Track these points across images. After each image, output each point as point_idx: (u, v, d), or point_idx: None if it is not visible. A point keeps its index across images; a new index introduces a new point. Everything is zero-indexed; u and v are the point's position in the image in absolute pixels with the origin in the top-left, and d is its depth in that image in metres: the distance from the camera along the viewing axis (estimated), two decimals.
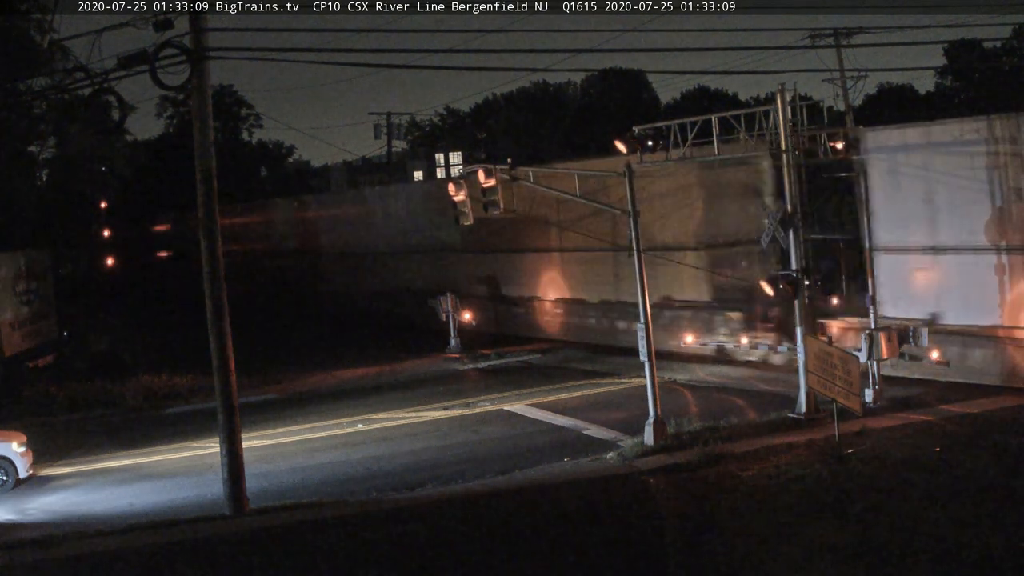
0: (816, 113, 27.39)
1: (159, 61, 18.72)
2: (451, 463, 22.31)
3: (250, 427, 25.13)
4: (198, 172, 19.77)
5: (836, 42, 47.31)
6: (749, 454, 20.64)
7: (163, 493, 21.90)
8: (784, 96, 23.62)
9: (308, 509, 19.55)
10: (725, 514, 17.34)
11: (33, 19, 35.83)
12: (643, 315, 22.53)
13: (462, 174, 29.90)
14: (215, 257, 19.87)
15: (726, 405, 25.66)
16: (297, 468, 23.13)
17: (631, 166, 23.26)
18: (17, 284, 38.06)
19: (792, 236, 23.68)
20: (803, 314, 23.64)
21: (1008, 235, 24.56)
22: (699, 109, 36.08)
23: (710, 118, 25.42)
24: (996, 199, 24.72)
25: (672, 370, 30.25)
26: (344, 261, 54.86)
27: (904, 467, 18.98)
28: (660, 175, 30.86)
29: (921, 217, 26.36)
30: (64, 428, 29.24)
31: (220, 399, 19.89)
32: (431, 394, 30.65)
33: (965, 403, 23.57)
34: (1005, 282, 24.59)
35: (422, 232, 47.19)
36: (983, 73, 74.97)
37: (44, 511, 21.21)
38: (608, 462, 21.38)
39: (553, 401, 28.25)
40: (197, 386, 32.47)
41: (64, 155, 44.82)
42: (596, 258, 36.89)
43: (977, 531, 15.42)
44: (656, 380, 22.39)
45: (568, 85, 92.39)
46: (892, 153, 26.84)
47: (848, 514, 16.72)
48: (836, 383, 20.30)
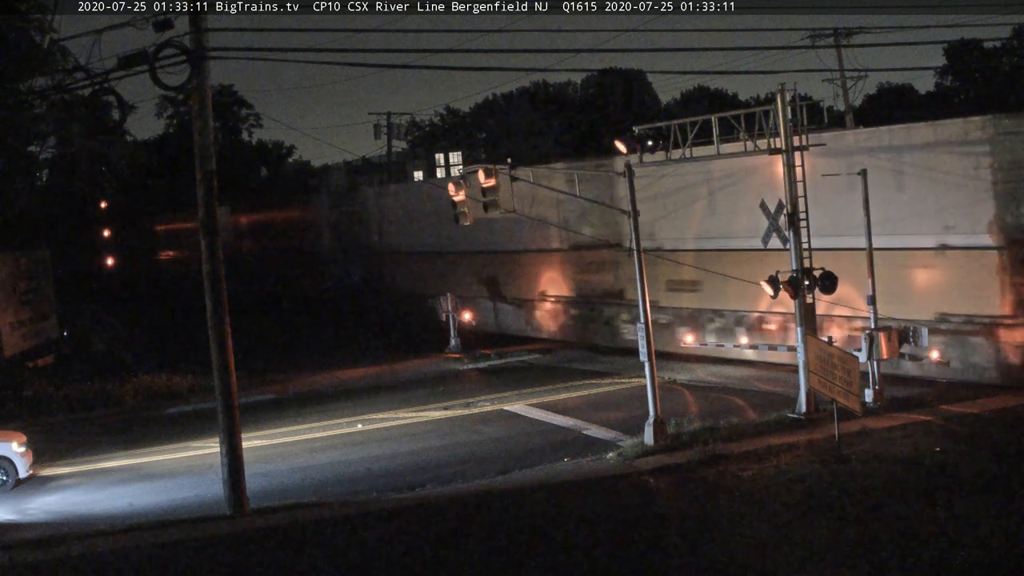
0: (816, 113, 27.40)
1: (159, 61, 18.75)
2: (451, 463, 22.32)
3: (250, 427, 25.14)
4: (198, 172, 19.78)
5: (836, 42, 47.36)
6: (749, 454, 20.65)
7: (163, 493, 21.91)
8: (784, 96, 23.63)
9: (308, 509, 19.56)
10: (725, 514, 17.34)
11: (33, 19, 35.82)
12: (643, 315, 22.53)
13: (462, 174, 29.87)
14: (215, 257, 19.88)
15: (726, 405, 25.66)
16: (297, 468, 23.14)
17: (631, 166, 23.26)
18: (17, 284, 38.07)
19: (792, 236, 23.68)
20: (803, 314, 23.63)
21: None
22: (699, 109, 36.11)
23: (710, 118, 25.42)
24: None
25: (672, 370, 30.26)
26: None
27: (904, 467, 18.99)
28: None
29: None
30: (64, 428, 29.26)
31: (220, 399, 19.90)
32: (431, 394, 30.66)
33: (965, 403, 23.58)
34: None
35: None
36: (983, 73, 74.99)
37: (44, 511, 21.22)
38: (608, 462, 21.38)
39: (553, 401, 28.25)
40: (197, 386, 32.51)
41: (64, 155, 44.83)
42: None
43: (977, 531, 15.43)
44: (656, 380, 22.39)
45: (568, 85, 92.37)
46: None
47: (848, 514, 16.72)
48: (836, 383, 20.29)
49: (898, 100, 78.50)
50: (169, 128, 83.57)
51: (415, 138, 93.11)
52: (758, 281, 24.12)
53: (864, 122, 45.90)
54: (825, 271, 23.40)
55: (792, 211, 23.62)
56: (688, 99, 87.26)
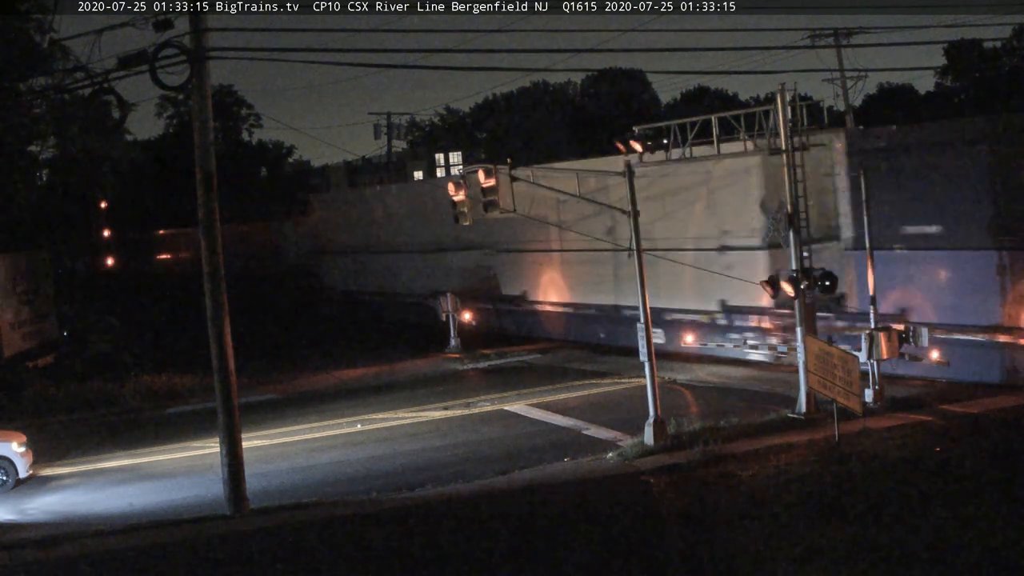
0: (816, 113, 27.40)
1: (159, 61, 18.74)
2: (451, 463, 22.31)
3: (250, 427, 25.11)
4: (198, 172, 19.77)
5: (836, 42, 47.35)
6: (749, 454, 20.65)
7: (163, 493, 21.90)
8: (784, 96, 23.62)
9: (308, 509, 19.57)
10: (725, 514, 17.34)
11: (33, 19, 35.81)
12: (643, 315, 22.52)
13: (462, 174, 29.84)
14: (215, 256, 19.87)
15: (726, 405, 25.65)
16: (297, 468, 23.14)
17: (631, 166, 23.26)
18: (17, 284, 38.05)
19: (792, 236, 23.67)
20: (803, 314, 23.62)
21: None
22: (699, 109, 36.08)
23: (710, 118, 25.41)
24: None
25: (672, 370, 30.24)
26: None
27: (904, 467, 18.98)
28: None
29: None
30: (64, 428, 29.25)
31: (220, 399, 19.90)
32: (431, 394, 30.65)
33: (965, 403, 23.58)
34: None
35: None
36: (983, 73, 75.00)
37: (44, 511, 21.21)
38: (608, 462, 21.37)
39: (553, 401, 28.24)
40: (197, 386, 32.46)
41: (64, 155, 44.77)
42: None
43: (977, 531, 15.43)
44: (656, 380, 22.38)
45: (568, 85, 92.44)
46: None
47: (848, 514, 16.72)
48: (836, 383, 20.30)
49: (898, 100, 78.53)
50: (169, 128, 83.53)
51: (415, 138, 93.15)
52: (757, 281, 24.14)
53: (864, 122, 45.93)
54: (825, 271, 23.39)
55: (792, 211, 23.62)
56: (688, 99, 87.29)
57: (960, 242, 25.66)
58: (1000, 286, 25.03)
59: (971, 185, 25.38)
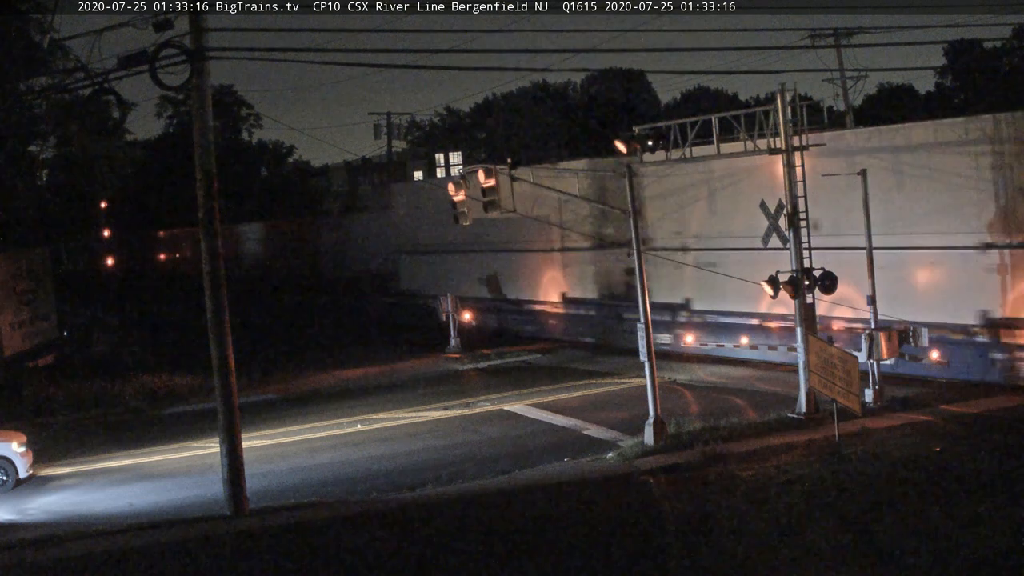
0: (816, 113, 27.38)
1: (159, 61, 18.74)
2: (451, 463, 22.30)
3: (250, 427, 25.14)
4: (198, 172, 19.77)
5: (836, 42, 47.33)
6: (749, 454, 20.64)
7: (163, 493, 21.90)
8: (784, 96, 23.61)
9: (308, 509, 19.56)
10: (725, 514, 17.33)
11: (33, 19, 35.84)
12: (643, 315, 22.52)
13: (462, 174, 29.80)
14: (215, 256, 19.87)
15: (726, 405, 25.65)
16: (297, 468, 23.14)
17: (631, 166, 23.25)
18: (17, 284, 38.05)
19: (793, 236, 23.67)
20: (803, 314, 23.62)
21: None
22: (699, 109, 36.05)
23: (710, 118, 25.41)
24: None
25: (672, 370, 30.25)
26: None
27: (904, 467, 18.98)
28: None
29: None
30: (64, 428, 29.23)
31: (220, 399, 19.89)
32: (431, 394, 30.65)
33: (965, 403, 23.58)
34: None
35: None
36: (983, 73, 74.92)
37: (44, 511, 21.21)
38: (608, 462, 21.37)
39: (553, 401, 28.24)
40: (197, 386, 32.49)
41: (64, 155, 44.82)
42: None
43: (977, 531, 15.43)
44: (656, 380, 22.38)
45: (568, 85, 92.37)
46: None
47: (848, 514, 16.72)
48: (836, 383, 20.29)
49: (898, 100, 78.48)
50: (169, 128, 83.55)
51: (415, 138, 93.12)
52: (758, 281, 24.11)
53: (864, 122, 45.88)
54: (825, 271, 23.39)
55: (792, 211, 23.61)
56: (688, 99, 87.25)
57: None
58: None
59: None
